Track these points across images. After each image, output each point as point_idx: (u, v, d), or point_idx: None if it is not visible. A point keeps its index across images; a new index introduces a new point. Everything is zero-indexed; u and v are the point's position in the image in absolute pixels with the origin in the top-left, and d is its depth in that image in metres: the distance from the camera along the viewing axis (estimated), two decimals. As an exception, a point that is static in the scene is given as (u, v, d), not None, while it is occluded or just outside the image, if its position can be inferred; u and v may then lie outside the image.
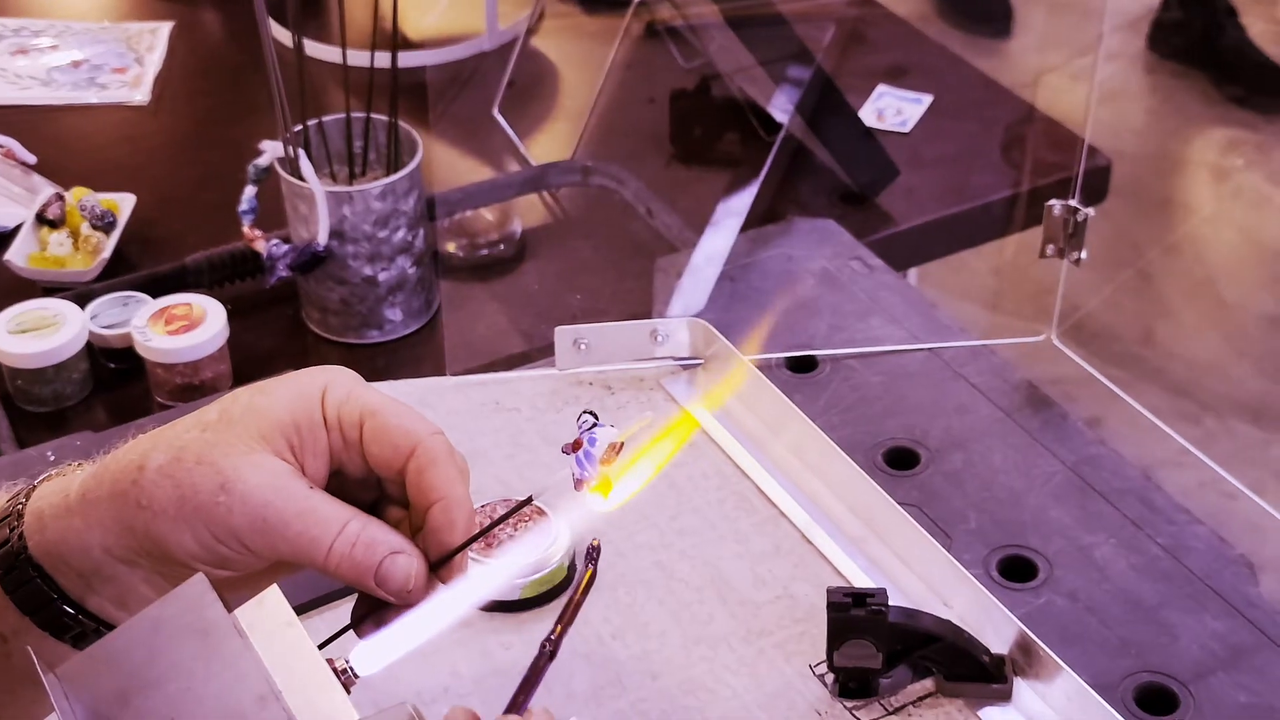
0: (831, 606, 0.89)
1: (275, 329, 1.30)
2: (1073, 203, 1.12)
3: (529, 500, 0.68)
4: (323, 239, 1.20)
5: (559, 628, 0.60)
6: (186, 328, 1.18)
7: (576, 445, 0.65)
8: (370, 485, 0.69)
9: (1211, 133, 2.97)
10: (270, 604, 0.60)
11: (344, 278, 1.23)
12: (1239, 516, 1.20)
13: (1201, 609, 0.96)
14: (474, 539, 0.66)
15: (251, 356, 1.25)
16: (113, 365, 1.24)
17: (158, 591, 0.65)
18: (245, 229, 1.26)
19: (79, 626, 0.66)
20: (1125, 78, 2.99)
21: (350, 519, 0.64)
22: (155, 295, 1.24)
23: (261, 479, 0.63)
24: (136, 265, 1.33)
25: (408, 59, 1.22)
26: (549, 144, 1.49)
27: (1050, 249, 1.13)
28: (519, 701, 0.56)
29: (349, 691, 0.58)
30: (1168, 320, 2.57)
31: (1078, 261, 1.13)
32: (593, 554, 0.63)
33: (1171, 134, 2.91)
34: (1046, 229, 1.13)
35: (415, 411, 0.68)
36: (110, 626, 0.66)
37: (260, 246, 1.25)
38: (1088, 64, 1.26)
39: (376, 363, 1.25)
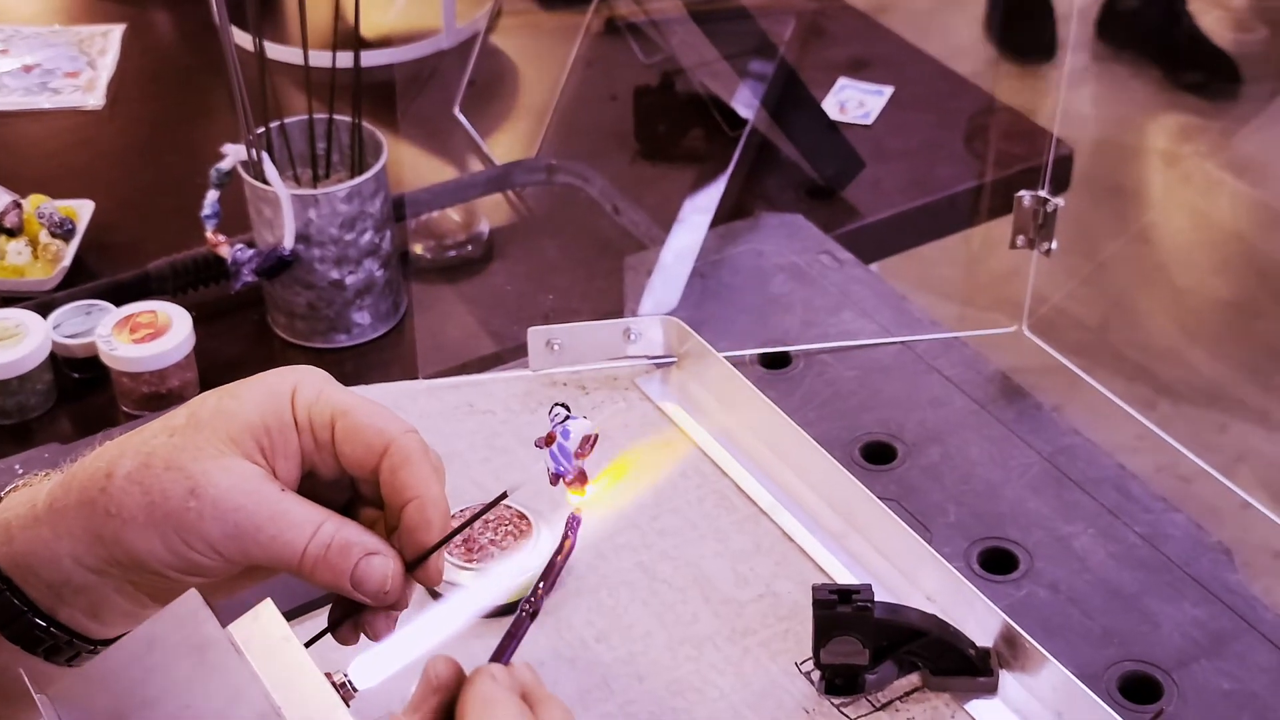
0: (817, 604, 0.88)
1: (240, 335, 1.28)
2: (1042, 193, 1.12)
3: (503, 496, 0.66)
4: (289, 243, 1.18)
5: (539, 589, 0.59)
6: (152, 335, 1.17)
7: (550, 439, 0.64)
8: (343, 486, 0.68)
9: (1163, 120, 2.99)
10: (265, 618, 0.59)
11: (310, 281, 1.22)
12: (1197, 500, 1.21)
13: (1181, 596, 0.96)
14: (450, 537, 0.65)
15: (217, 363, 1.23)
16: (77, 375, 1.22)
17: (130, 601, 0.64)
18: (208, 234, 1.24)
19: (51, 639, 0.64)
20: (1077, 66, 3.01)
21: (324, 521, 0.63)
22: (118, 303, 1.22)
23: (232, 482, 0.62)
24: (97, 273, 1.31)
25: (366, 59, 1.21)
26: (511, 143, 1.48)
27: (1020, 240, 1.14)
28: (500, 655, 0.56)
29: (348, 705, 0.57)
30: (1125, 308, 2.59)
31: (1048, 252, 1.13)
32: (572, 524, 0.62)
33: (1123, 122, 2.93)
34: (1016, 220, 1.13)
35: (387, 410, 0.67)
36: (82, 638, 0.65)
37: (224, 252, 1.23)
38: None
39: (345, 367, 1.24)
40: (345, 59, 1.21)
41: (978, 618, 0.92)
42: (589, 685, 0.91)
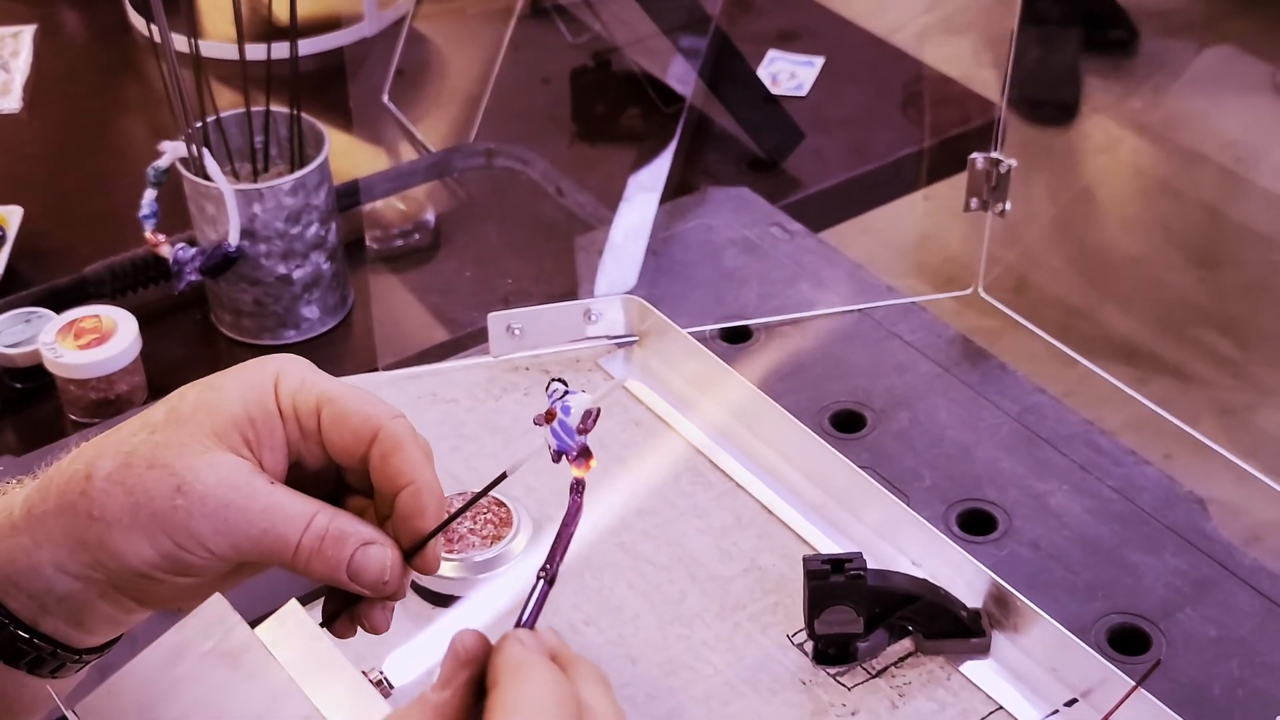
0: (810, 575, 0.88)
1: (184, 336, 1.25)
2: (995, 154, 1.12)
3: (503, 477, 0.65)
4: (234, 239, 1.16)
5: (557, 557, 0.58)
6: (98, 341, 1.14)
7: (549, 416, 0.63)
8: (329, 477, 0.66)
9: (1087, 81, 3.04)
10: (291, 620, 0.57)
11: (257, 278, 1.19)
12: (1162, 452, 1.22)
13: (1161, 547, 0.97)
14: (447, 523, 0.64)
15: (163, 366, 1.20)
16: (19, 385, 1.19)
17: (115, 606, 0.62)
18: (147, 234, 1.21)
19: (34, 651, 0.62)
20: (988, 24, 3.05)
21: (316, 512, 0.62)
22: (57, 309, 1.19)
23: (219, 477, 0.60)
24: (31, 280, 1.27)
25: (284, 49, 1.18)
26: (444, 130, 1.46)
27: (974, 202, 1.14)
28: (523, 622, 0.55)
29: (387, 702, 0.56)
30: (1071, 265, 2.63)
31: (1002, 213, 1.14)
32: (577, 486, 0.61)
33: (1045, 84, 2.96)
34: (970, 182, 1.13)
35: (373, 395, 0.66)
36: (67, 648, 0.63)
37: (165, 251, 1.20)
38: (968, 17, 1.27)
39: (295, 363, 1.21)
40: (271, 50, 1.18)
41: (966, 580, 0.92)
42: (582, 670, 0.90)
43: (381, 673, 0.58)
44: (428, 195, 1.33)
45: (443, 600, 0.94)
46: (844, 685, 0.89)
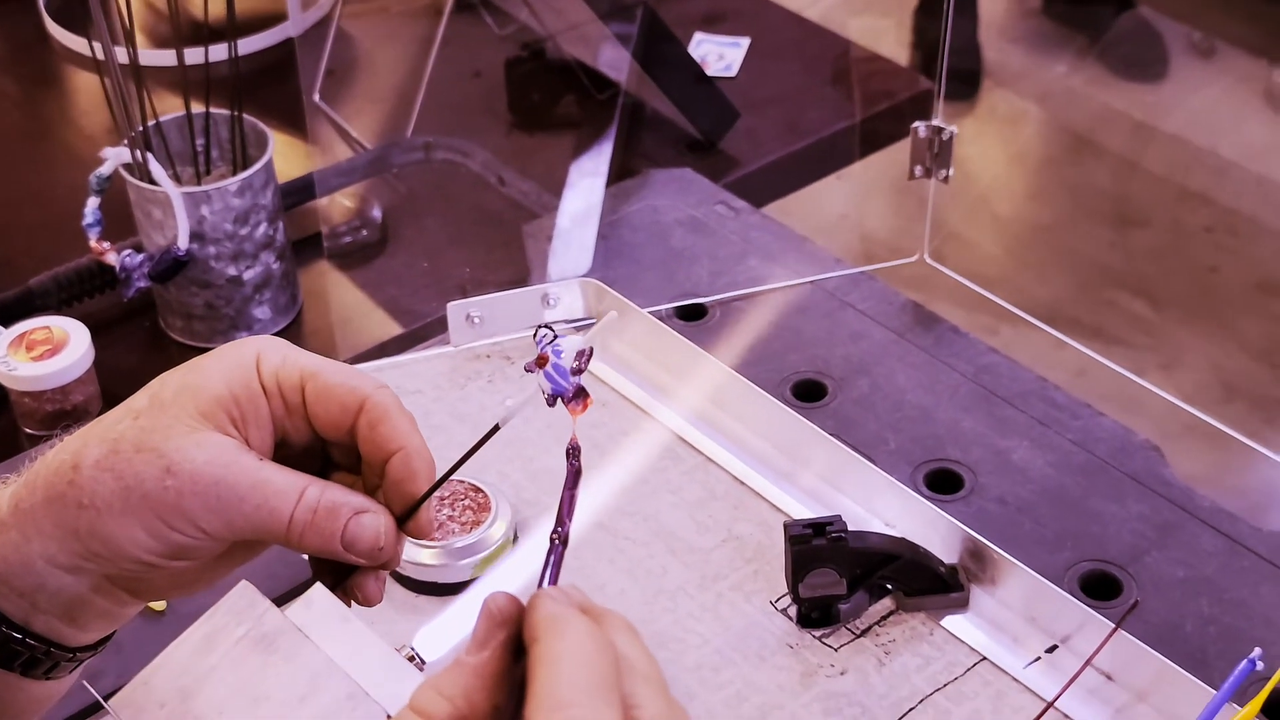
0: (793, 539, 0.90)
1: (134, 344, 1.24)
2: (937, 122, 1.14)
3: (496, 429, 0.64)
4: (183, 242, 1.15)
5: (566, 519, 0.59)
6: (50, 352, 1.13)
7: (541, 361, 0.63)
8: (315, 454, 0.66)
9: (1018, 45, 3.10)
10: (318, 603, 0.58)
11: (207, 281, 1.18)
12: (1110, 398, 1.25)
13: (1123, 495, 1.00)
14: (439, 483, 0.64)
15: (115, 375, 1.19)
16: (-31, 402, 1.17)
17: (108, 599, 0.62)
18: (93, 243, 1.20)
19: (28, 652, 0.62)
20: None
21: (307, 485, 0.62)
22: (5, 323, 1.17)
23: (208, 455, 0.60)
24: (-28, 295, 1.26)
25: (213, 51, 1.17)
26: (377, 128, 1.46)
27: (918, 170, 1.16)
28: (545, 584, 0.56)
29: (420, 678, 0.57)
30: (1010, 230, 2.69)
31: (946, 179, 1.16)
32: (573, 452, 0.61)
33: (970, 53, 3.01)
34: (914, 150, 1.15)
35: (354, 369, 0.66)
36: (61, 647, 0.63)
37: (112, 259, 1.19)
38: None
39: (248, 365, 1.21)
40: (208, 52, 1.18)
41: (940, 537, 0.94)
42: (571, 648, 0.91)
43: (413, 649, 0.59)
44: (370, 191, 1.32)
45: (426, 588, 0.94)
46: (830, 646, 0.91)
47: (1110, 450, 1.03)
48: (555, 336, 0.63)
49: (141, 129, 1.16)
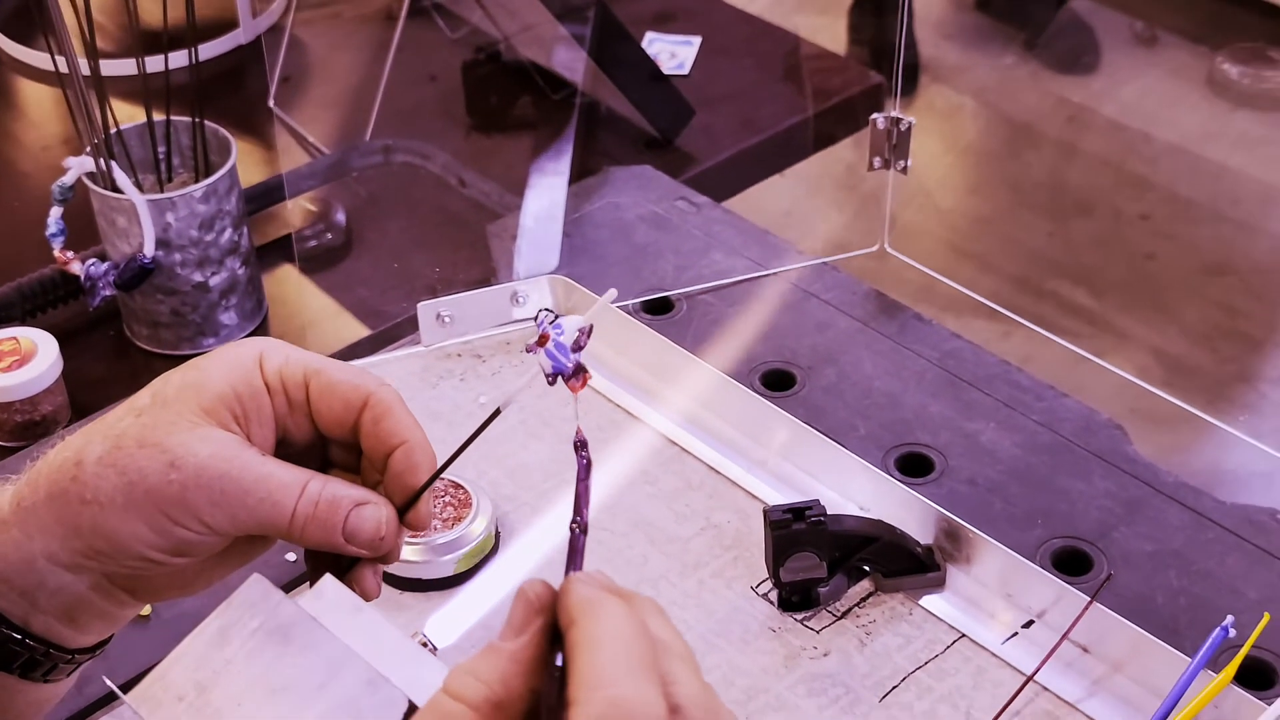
0: (774, 524, 0.91)
1: (100, 353, 1.24)
2: (894, 113, 1.16)
3: (497, 413, 0.65)
4: (149, 250, 1.15)
5: (583, 509, 0.60)
6: (19, 363, 1.13)
7: (542, 340, 0.64)
8: (314, 452, 0.67)
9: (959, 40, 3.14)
10: (329, 593, 0.58)
11: (173, 288, 1.19)
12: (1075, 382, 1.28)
13: (1089, 472, 1.02)
14: (438, 473, 0.65)
15: (82, 385, 1.19)
16: (-63, 414, 1.17)
17: (107, 599, 0.63)
18: (57, 253, 1.20)
19: (27, 653, 0.63)
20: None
21: (309, 479, 0.63)
22: (-31, 335, 1.17)
23: (211, 450, 0.61)
24: (-67, 309, 1.25)
25: (158, 61, 1.18)
26: (334, 133, 1.46)
27: (877, 161, 1.18)
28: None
29: (433, 665, 0.57)
30: (966, 217, 2.73)
31: (904, 170, 1.18)
32: (581, 445, 0.63)
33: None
34: (872, 141, 1.17)
35: (356, 366, 0.67)
36: (59, 648, 0.64)
37: (76, 269, 1.19)
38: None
39: (215, 371, 1.21)
40: (167, 60, 1.19)
41: (915, 518, 0.96)
42: (557, 639, 0.92)
43: (424, 635, 0.59)
44: (332, 196, 1.33)
45: (410, 585, 0.95)
46: (812, 629, 0.92)
47: (1075, 430, 1.05)
48: (556, 317, 0.64)
49: (104, 137, 1.16)
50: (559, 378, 0.63)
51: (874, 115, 1.16)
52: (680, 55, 1.54)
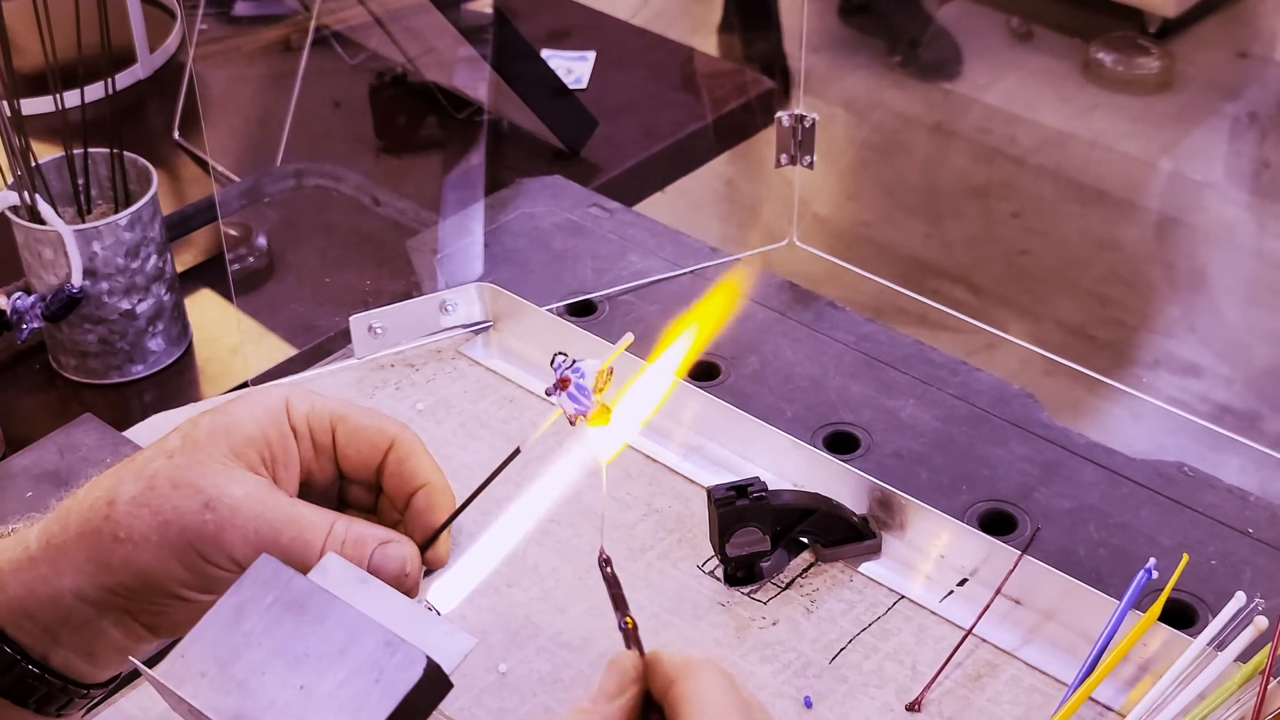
0: (717, 503, 0.95)
1: (27, 385, 1.25)
2: (799, 111, 1.21)
3: (517, 452, 0.69)
4: (76, 279, 1.17)
5: (626, 610, 0.64)
6: (-48, 398, 1.13)
7: (563, 384, 0.68)
8: (332, 494, 0.71)
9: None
10: (335, 569, 0.61)
11: (100, 316, 1.20)
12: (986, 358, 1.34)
13: (1006, 439, 1.08)
14: (458, 513, 0.68)
15: (13, 419, 1.20)
16: None
17: (127, 635, 0.66)
18: (-20, 288, 1.21)
19: (44, 688, 0.65)
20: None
21: (335, 520, 0.66)
22: (-105, 376, 1.18)
23: (245, 491, 0.64)
24: None
25: (73, 96, 1.20)
26: (244, 161, 1.48)
27: (784, 158, 1.23)
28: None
29: (438, 629, 0.61)
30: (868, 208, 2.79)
31: (810, 165, 1.23)
32: (606, 562, 0.67)
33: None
34: (779, 139, 1.22)
35: (378, 411, 0.71)
36: (76, 684, 0.66)
37: (1, 303, 1.20)
38: None
39: (145, 397, 1.23)
40: (84, 94, 1.21)
41: (850, 491, 1.01)
42: (515, 626, 0.95)
43: (428, 602, 0.63)
44: (249, 220, 1.35)
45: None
46: (759, 601, 0.96)
47: (990, 400, 1.11)
48: (573, 361, 0.68)
49: (28, 170, 1.17)
50: (581, 418, 0.67)
51: (779, 114, 1.21)
52: (577, 70, 1.58)
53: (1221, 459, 1.25)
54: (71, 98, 1.23)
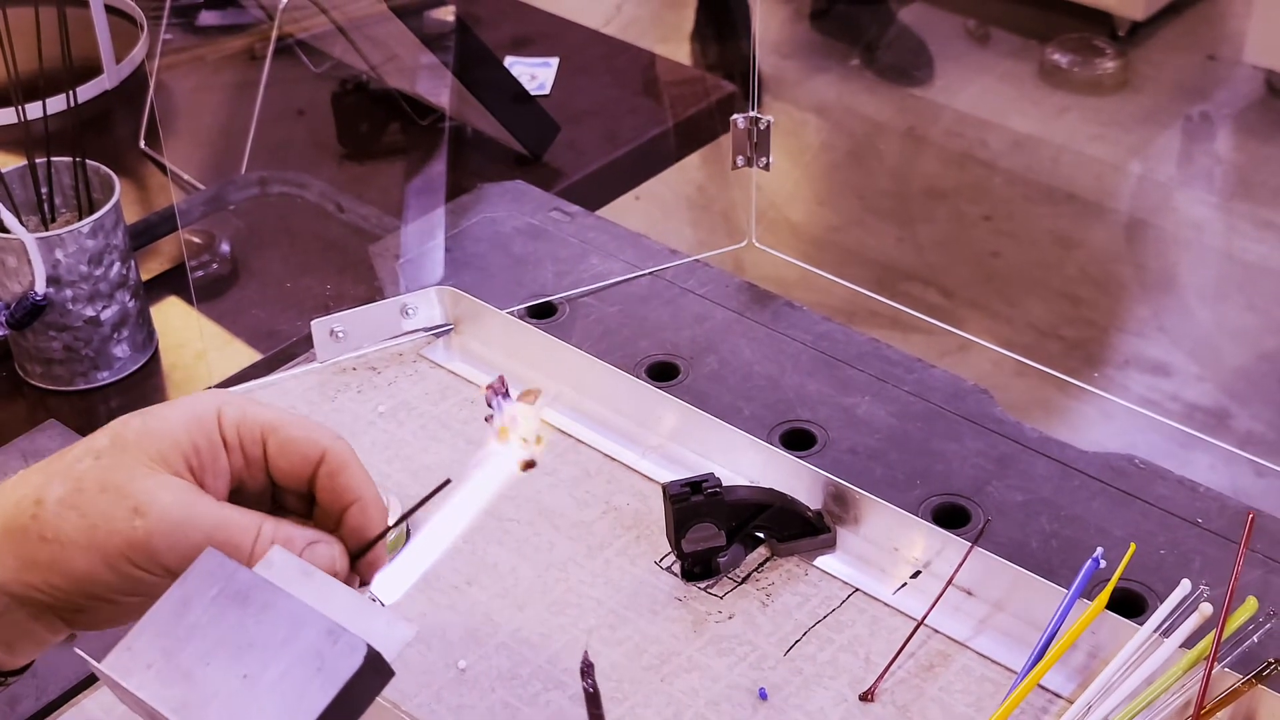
0: (673, 499, 0.96)
1: (-8, 394, 1.26)
2: (754, 113, 1.23)
3: (447, 482, 0.68)
4: (40, 287, 1.18)
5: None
6: (-84, 406, 1.14)
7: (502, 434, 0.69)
8: (265, 502, 0.70)
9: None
10: (279, 561, 0.62)
11: (65, 324, 1.21)
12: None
13: (960, 434, 1.09)
14: (390, 529, 0.69)
15: (-22, 427, 1.21)
16: None
17: (46, 628, 0.66)
18: (-56, 298, 1.21)
19: None
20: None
21: (263, 521, 0.66)
22: None
23: (173, 497, 0.64)
24: None
25: (32, 110, 1.21)
26: (209, 170, 1.49)
27: (740, 160, 1.24)
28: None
29: (380, 621, 0.62)
30: (828, 209, 2.80)
31: (766, 166, 1.25)
32: (587, 670, 0.68)
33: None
34: (735, 141, 1.24)
35: (311, 421, 0.70)
36: None
37: (-34, 312, 1.21)
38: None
39: (111, 404, 1.24)
40: (45, 106, 1.22)
41: (804, 486, 1.02)
42: (474, 624, 0.96)
43: (370, 594, 0.64)
44: (213, 227, 1.36)
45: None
46: (715, 595, 0.98)
47: (944, 397, 1.12)
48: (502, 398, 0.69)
49: (-13, 181, 1.18)
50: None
51: (734, 116, 1.22)
52: (540, 76, 1.60)
53: (1191, 456, 1.27)
54: (34, 110, 1.24)
